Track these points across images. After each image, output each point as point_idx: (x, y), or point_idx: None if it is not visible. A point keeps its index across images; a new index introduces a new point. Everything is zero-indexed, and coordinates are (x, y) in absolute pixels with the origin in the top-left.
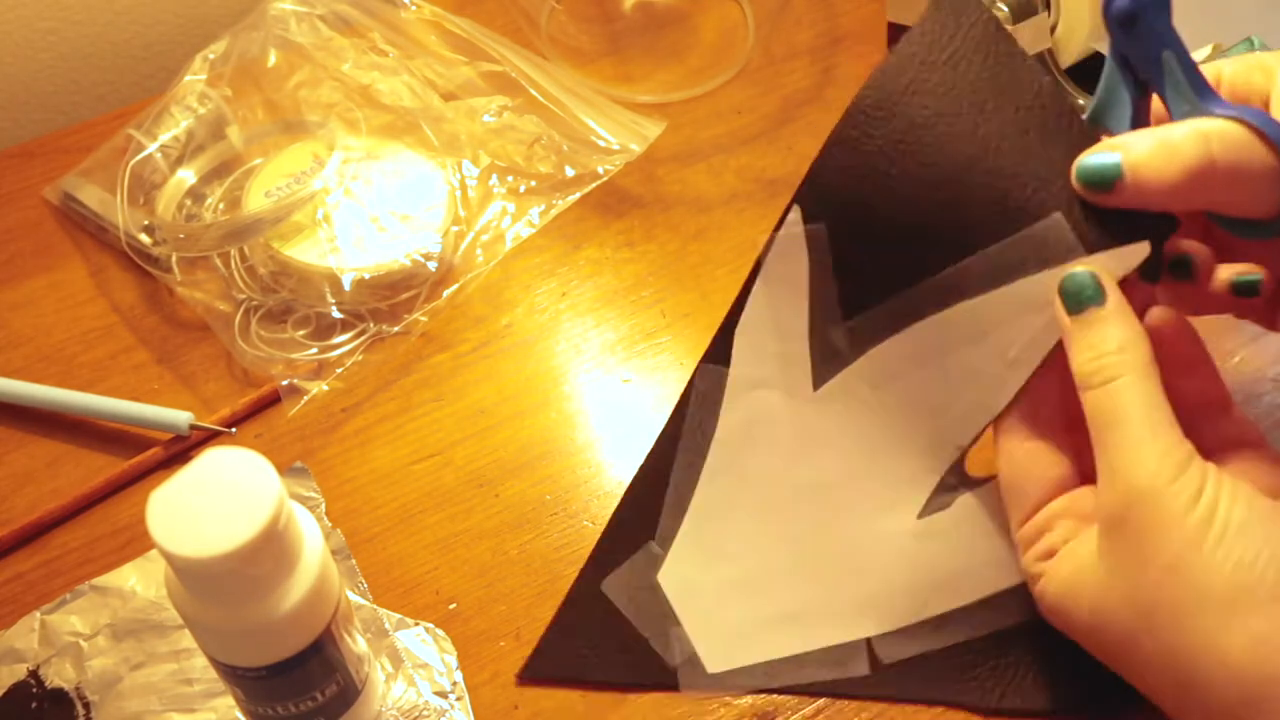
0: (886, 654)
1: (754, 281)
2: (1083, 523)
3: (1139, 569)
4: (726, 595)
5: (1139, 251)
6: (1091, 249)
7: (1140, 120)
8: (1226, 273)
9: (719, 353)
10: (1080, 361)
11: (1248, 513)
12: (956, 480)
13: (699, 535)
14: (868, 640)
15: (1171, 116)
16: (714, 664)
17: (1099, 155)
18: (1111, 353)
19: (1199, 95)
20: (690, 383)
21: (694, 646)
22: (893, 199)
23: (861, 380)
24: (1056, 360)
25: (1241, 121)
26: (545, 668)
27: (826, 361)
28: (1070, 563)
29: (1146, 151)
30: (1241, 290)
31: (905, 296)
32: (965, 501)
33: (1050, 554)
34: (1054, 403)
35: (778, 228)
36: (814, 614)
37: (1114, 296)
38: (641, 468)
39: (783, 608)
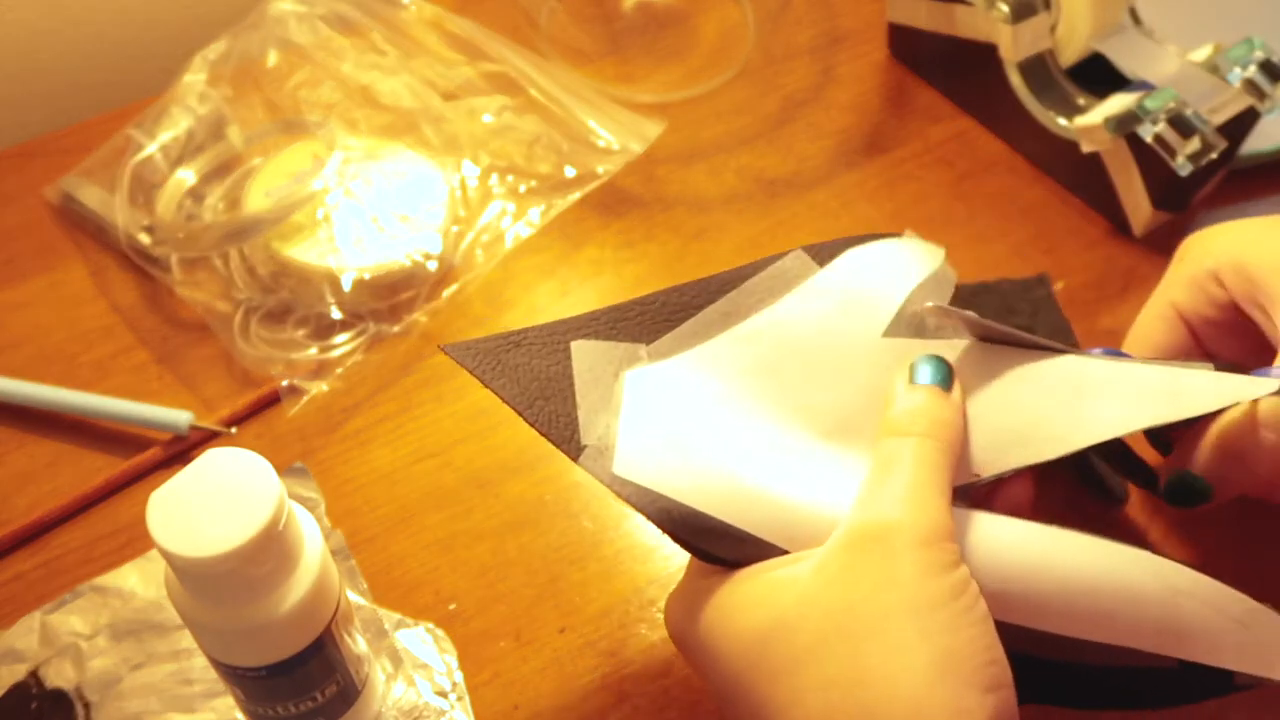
0: None
1: (893, 237)
2: None
3: (870, 590)
4: (674, 431)
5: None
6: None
7: None
8: None
9: (821, 253)
10: (893, 414)
11: (986, 612)
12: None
13: (687, 375)
14: None
15: None
16: (622, 468)
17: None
18: (928, 418)
19: None
20: (779, 255)
21: (615, 441)
22: None
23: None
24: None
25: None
26: (468, 355)
27: (907, 325)
28: (765, 566)
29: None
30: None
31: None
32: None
33: None
34: None
35: None
36: (735, 496)
37: (958, 392)
38: (681, 286)
39: (715, 473)
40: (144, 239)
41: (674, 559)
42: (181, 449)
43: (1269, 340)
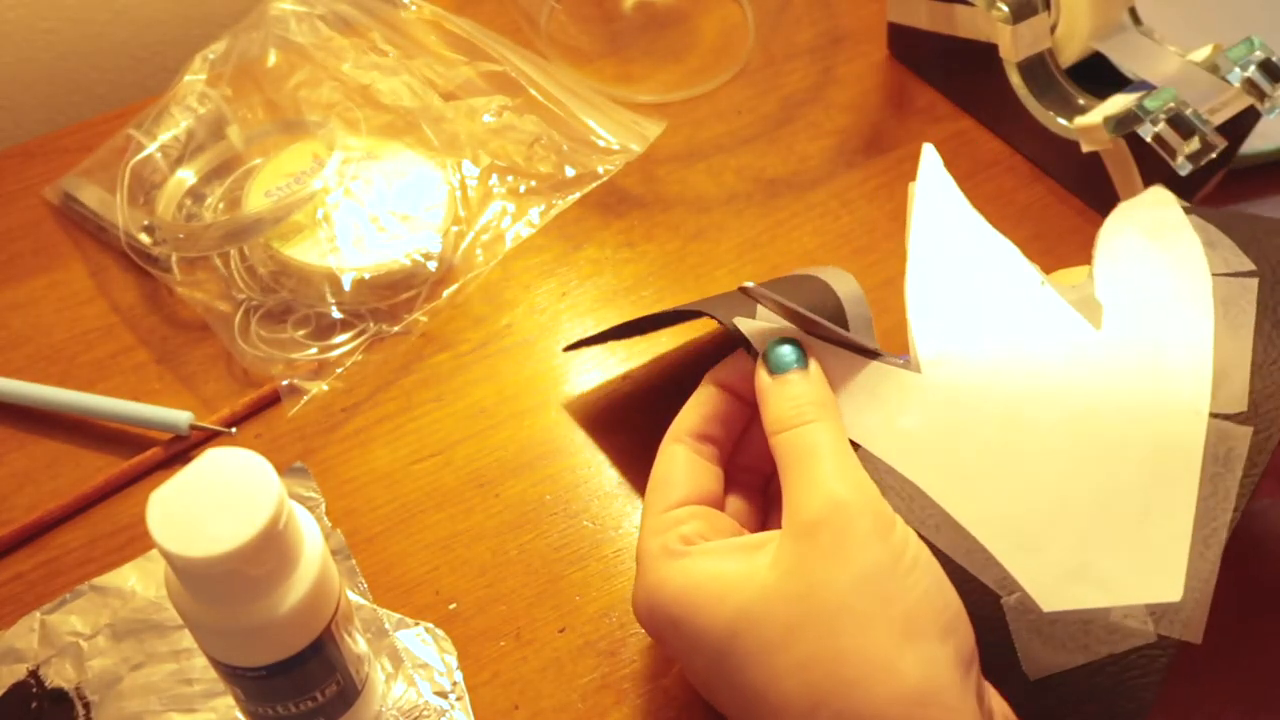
0: None
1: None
2: (716, 533)
3: (826, 574)
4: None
5: None
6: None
7: None
8: None
9: None
10: (777, 410)
11: (929, 556)
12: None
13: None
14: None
15: None
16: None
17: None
18: (810, 403)
19: None
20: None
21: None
22: None
23: None
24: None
25: None
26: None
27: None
28: (720, 560)
29: None
30: None
31: None
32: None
33: (688, 542)
34: (737, 432)
35: None
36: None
37: (815, 365)
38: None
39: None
40: (144, 239)
41: None
42: (182, 449)
43: None
